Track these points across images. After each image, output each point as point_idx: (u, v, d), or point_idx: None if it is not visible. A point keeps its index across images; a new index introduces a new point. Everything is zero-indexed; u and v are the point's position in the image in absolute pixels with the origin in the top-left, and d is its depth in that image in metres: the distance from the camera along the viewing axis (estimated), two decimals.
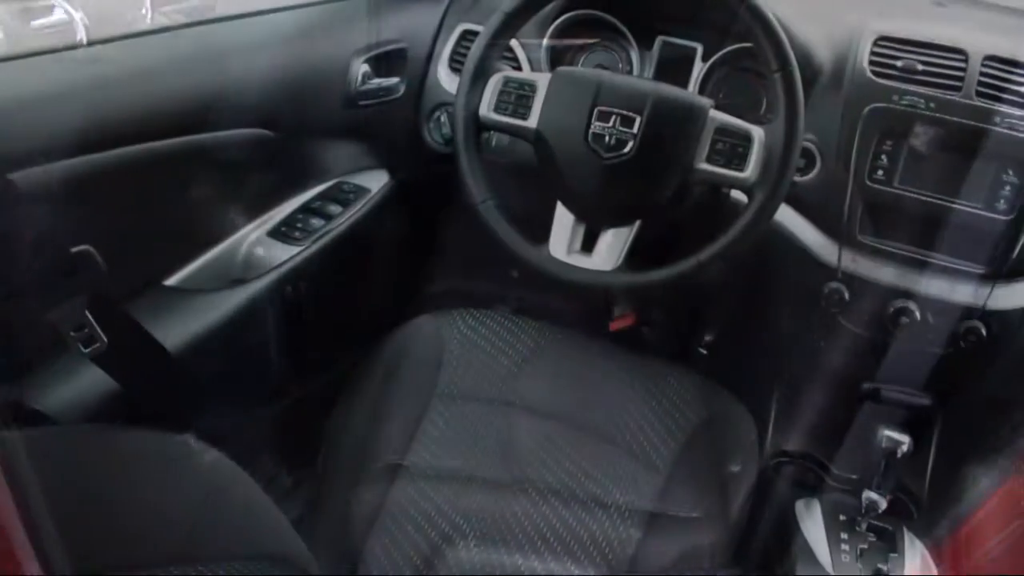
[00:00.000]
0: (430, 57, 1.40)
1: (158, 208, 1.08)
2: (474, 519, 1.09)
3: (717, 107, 1.21)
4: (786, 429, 1.42)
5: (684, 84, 1.32)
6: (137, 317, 1.02)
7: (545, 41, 1.33)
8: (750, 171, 1.05)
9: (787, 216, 1.24)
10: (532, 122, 1.11)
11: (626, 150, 1.06)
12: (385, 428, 1.19)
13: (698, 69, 1.30)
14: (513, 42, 1.35)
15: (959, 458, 1.26)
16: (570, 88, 1.11)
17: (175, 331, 1.06)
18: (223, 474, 0.97)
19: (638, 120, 1.06)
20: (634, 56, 1.34)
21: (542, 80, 1.12)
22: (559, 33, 1.34)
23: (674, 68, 1.34)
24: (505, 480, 1.14)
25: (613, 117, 1.07)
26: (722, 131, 1.06)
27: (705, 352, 1.68)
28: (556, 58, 1.36)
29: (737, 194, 1.20)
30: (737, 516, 1.12)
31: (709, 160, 1.06)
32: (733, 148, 1.06)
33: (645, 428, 1.19)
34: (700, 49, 1.31)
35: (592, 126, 1.07)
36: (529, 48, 1.35)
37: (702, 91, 1.30)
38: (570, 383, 1.26)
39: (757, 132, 1.06)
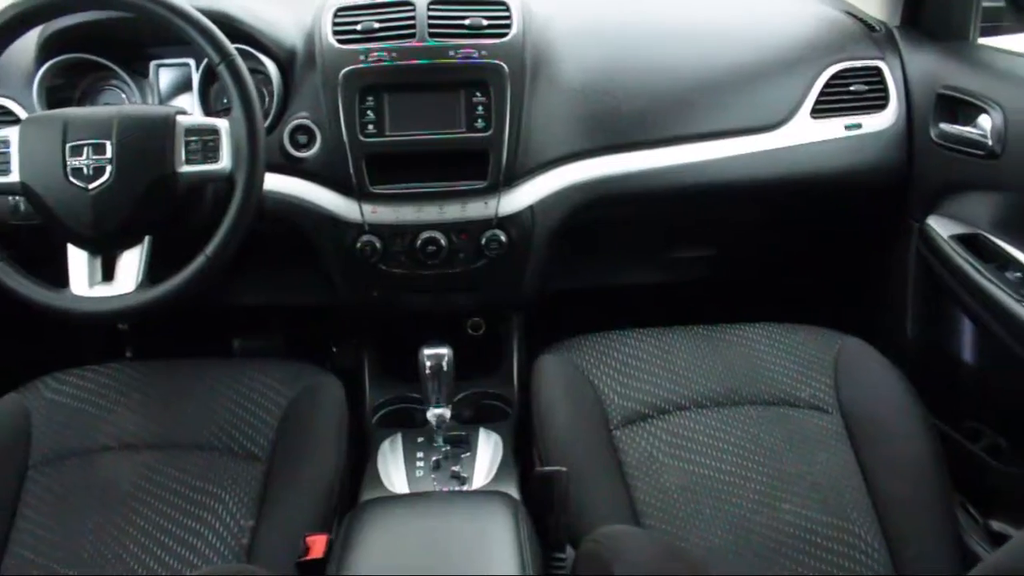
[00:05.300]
0: None
1: None
2: (89, 568, 1.10)
3: (222, 112, 1.25)
4: (381, 381, 1.52)
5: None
6: None
7: (35, 93, 1.32)
8: (225, 161, 1.12)
9: (308, 191, 1.32)
10: (14, 176, 1.11)
11: (106, 176, 1.09)
12: None
13: (196, 82, 1.35)
14: (9, 102, 1.34)
15: (531, 353, 1.40)
16: (39, 133, 1.11)
17: None
18: None
19: (109, 144, 1.09)
20: (135, 87, 1.37)
21: (13, 133, 1.12)
22: (50, 83, 1.34)
23: (177, 87, 1.38)
24: (114, 521, 1.15)
25: (85, 148, 1.09)
26: (192, 131, 1.12)
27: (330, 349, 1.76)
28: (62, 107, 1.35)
29: None
30: (338, 477, 1.19)
31: (188, 161, 1.12)
32: (206, 144, 1.12)
33: (239, 424, 1.24)
34: (193, 63, 1.36)
35: (68, 163, 1.09)
36: (24, 103, 1.33)
37: (204, 101, 1.35)
38: (163, 409, 1.28)
39: (222, 124, 1.12)
